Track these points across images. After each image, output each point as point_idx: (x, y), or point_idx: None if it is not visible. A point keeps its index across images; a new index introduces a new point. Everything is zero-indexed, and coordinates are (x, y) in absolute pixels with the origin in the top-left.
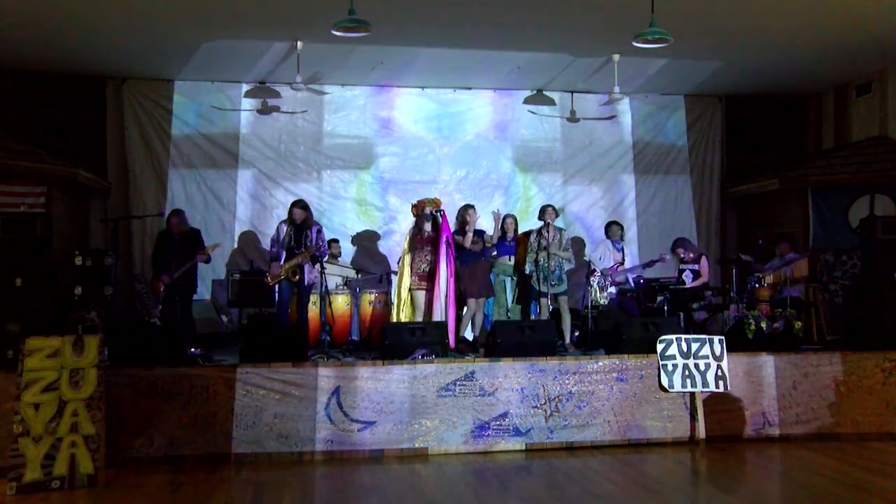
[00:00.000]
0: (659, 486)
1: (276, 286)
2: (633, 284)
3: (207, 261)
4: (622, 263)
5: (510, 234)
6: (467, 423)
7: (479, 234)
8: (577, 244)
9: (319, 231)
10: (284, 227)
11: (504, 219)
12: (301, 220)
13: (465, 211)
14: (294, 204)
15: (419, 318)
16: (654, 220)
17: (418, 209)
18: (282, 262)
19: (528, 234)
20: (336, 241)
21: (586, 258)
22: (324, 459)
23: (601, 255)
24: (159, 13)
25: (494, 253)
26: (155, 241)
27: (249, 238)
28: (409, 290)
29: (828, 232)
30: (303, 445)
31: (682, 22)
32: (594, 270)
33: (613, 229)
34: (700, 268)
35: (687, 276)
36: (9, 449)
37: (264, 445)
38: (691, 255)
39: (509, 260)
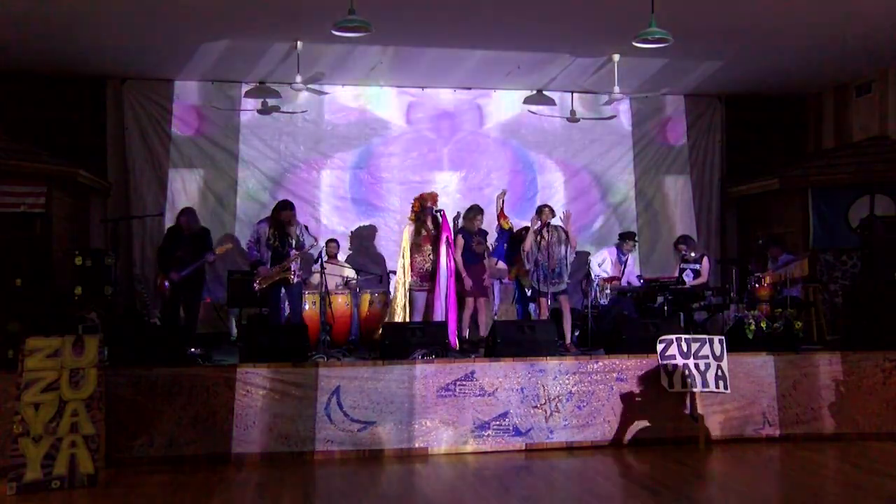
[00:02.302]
0: (659, 486)
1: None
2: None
3: (213, 261)
4: (620, 277)
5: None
6: (467, 422)
7: (483, 234)
8: None
9: (307, 229)
10: (265, 229)
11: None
12: (288, 221)
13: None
14: (283, 206)
15: (418, 318)
16: (654, 220)
17: (420, 204)
18: (268, 264)
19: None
20: (335, 241)
21: (587, 265)
22: (324, 459)
23: (601, 262)
24: (159, 13)
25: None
26: (163, 237)
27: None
28: (410, 289)
29: (828, 232)
30: (303, 445)
31: (682, 22)
32: (591, 278)
33: (627, 243)
34: (701, 267)
35: (687, 276)
36: (9, 449)
37: (264, 445)
38: (693, 255)
39: (497, 264)
